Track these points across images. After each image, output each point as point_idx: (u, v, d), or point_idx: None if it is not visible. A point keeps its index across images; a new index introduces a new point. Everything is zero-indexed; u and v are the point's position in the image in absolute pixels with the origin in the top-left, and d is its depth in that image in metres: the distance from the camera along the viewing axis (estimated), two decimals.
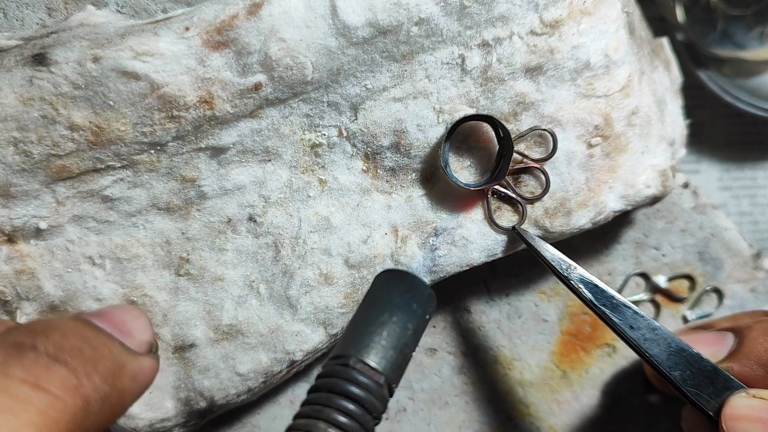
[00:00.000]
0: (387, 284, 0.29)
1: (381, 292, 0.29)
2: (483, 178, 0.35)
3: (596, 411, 0.42)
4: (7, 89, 0.30)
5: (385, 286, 0.29)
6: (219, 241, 0.34)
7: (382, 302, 0.28)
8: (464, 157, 0.35)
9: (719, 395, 0.31)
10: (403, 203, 0.35)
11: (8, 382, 0.21)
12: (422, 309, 0.29)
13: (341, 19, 0.31)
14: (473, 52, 0.33)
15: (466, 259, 0.35)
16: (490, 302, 0.42)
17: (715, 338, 0.34)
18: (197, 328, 0.34)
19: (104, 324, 0.26)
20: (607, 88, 0.34)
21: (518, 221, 0.35)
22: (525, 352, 0.41)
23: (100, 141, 0.31)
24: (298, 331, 0.35)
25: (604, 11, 0.34)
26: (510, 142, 0.34)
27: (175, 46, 0.30)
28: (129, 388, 0.25)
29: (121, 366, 0.25)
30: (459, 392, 0.41)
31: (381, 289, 0.29)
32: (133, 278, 0.34)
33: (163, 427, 0.35)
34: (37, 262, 0.32)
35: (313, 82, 0.32)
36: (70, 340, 0.23)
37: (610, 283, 0.42)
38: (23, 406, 0.21)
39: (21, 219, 0.32)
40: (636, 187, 0.36)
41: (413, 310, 0.28)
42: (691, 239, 0.42)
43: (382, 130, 0.34)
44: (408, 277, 0.29)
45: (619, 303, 0.32)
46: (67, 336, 0.24)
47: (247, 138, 0.33)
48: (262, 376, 0.35)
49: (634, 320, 0.32)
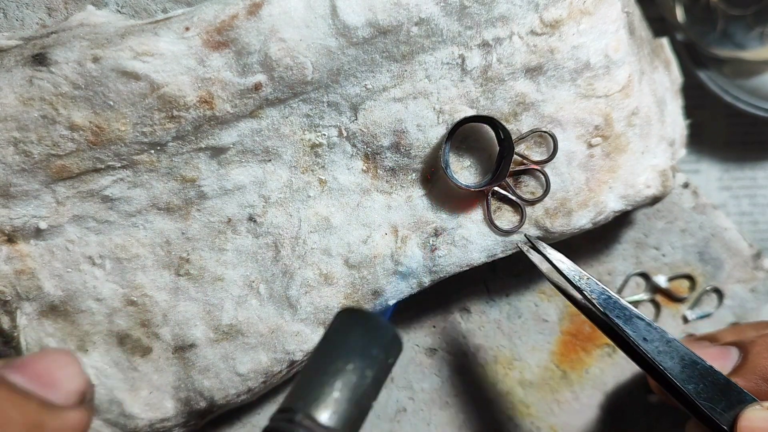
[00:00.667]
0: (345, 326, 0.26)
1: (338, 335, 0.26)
2: (483, 179, 0.35)
3: (596, 411, 0.42)
4: (7, 89, 0.30)
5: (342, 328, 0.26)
6: (219, 241, 0.34)
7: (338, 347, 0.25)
8: (465, 158, 0.35)
9: (732, 409, 0.30)
10: (403, 203, 0.35)
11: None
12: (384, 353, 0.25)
13: (341, 19, 0.31)
14: (473, 52, 0.33)
15: (466, 260, 0.35)
16: (490, 302, 0.42)
17: (719, 353, 0.34)
18: (197, 328, 0.34)
19: (22, 377, 0.23)
20: (608, 89, 0.34)
21: (518, 222, 0.35)
22: (525, 352, 0.41)
23: (100, 141, 0.31)
24: (298, 331, 0.35)
25: (604, 11, 0.34)
26: (510, 144, 0.34)
27: (175, 46, 0.30)
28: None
29: (37, 426, 0.22)
30: (459, 392, 0.41)
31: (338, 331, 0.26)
32: (133, 278, 0.34)
33: (163, 427, 0.35)
34: (37, 262, 0.32)
35: (313, 82, 0.32)
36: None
37: (610, 283, 0.42)
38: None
39: (21, 219, 0.32)
40: (636, 187, 0.36)
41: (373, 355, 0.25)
42: (691, 239, 0.42)
43: (382, 130, 0.34)
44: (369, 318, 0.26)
45: (632, 314, 0.32)
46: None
47: (247, 138, 0.33)
48: (262, 376, 0.35)
49: (648, 332, 0.31)
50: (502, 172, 0.34)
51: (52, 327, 0.33)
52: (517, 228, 0.35)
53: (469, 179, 0.35)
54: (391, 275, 0.35)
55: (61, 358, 0.25)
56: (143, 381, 0.34)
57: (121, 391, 0.34)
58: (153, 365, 0.34)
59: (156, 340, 0.34)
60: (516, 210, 0.35)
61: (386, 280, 0.35)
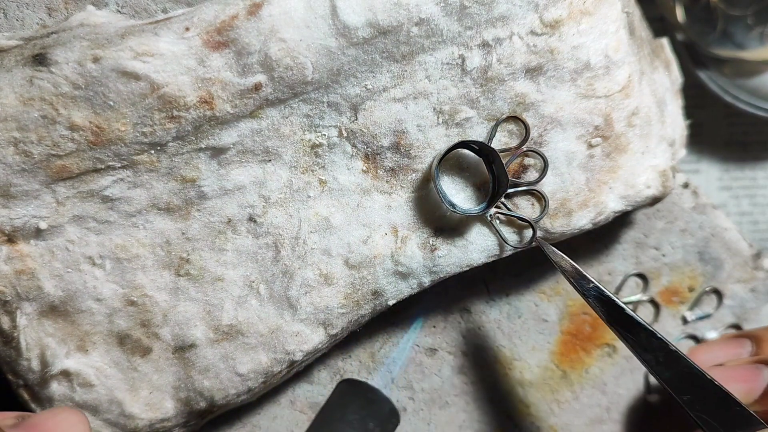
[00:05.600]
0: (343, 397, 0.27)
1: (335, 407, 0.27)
2: (481, 196, 0.35)
3: (596, 411, 0.42)
4: (7, 89, 0.30)
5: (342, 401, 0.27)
6: (219, 241, 0.34)
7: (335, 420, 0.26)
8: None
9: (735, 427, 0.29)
10: (403, 203, 0.35)
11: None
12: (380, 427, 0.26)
13: (341, 19, 0.31)
14: (473, 52, 0.33)
15: (466, 260, 0.35)
16: (490, 302, 0.42)
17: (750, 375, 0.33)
18: (197, 328, 0.34)
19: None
20: (608, 89, 0.34)
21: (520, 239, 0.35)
22: (525, 352, 0.42)
23: (100, 141, 0.31)
24: (298, 332, 0.35)
25: (604, 11, 0.34)
26: (503, 170, 0.34)
27: (175, 46, 0.30)
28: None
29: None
30: (459, 392, 0.41)
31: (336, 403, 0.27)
32: (133, 278, 0.34)
33: (163, 427, 0.35)
34: (37, 262, 0.32)
35: (314, 82, 0.32)
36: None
37: (610, 283, 0.42)
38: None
39: (21, 219, 0.32)
40: (636, 188, 0.36)
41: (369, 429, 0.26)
42: (691, 239, 0.42)
43: (382, 130, 0.34)
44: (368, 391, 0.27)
45: (635, 322, 0.31)
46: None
47: (247, 138, 0.33)
48: (262, 376, 0.35)
49: (648, 342, 0.31)
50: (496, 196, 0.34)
51: (52, 327, 0.33)
52: (528, 243, 0.35)
53: (468, 193, 0.35)
54: (391, 275, 0.35)
55: (71, 417, 0.26)
56: (143, 381, 0.34)
57: (121, 391, 0.34)
58: (153, 365, 0.34)
59: (156, 340, 0.34)
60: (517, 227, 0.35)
61: (386, 280, 0.35)
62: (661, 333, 0.31)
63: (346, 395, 0.27)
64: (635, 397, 0.42)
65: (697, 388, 0.30)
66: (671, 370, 0.30)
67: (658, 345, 0.31)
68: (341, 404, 0.27)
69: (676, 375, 0.30)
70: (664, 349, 0.31)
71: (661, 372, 0.31)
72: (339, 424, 0.25)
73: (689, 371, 0.30)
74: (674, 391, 0.30)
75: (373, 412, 0.26)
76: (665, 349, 0.31)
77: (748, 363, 0.34)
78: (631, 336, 0.31)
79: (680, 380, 0.30)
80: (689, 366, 0.30)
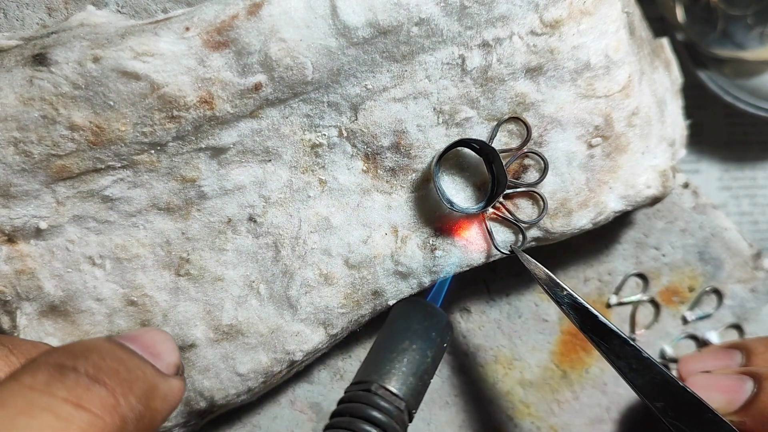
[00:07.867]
0: (406, 312, 0.30)
1: (400, 319, 0.30)
2: (480, 196, 0.35)
3: (596, 411, 0.42)
4: (7, 89, 0.30)
5: (404, 314, 0.30)
6: (219, 241, 0.34)
7: (402, 330, 0.29)
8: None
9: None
10: (403, 203, 0.35)
11: (52, 401, 0.22)
12: (440, 337, 0.29)
13: (341, 19, 0.31)
14: (473, 52, 0.33)
15: (466, 260, 0.35)
16: (490, 302, 0.42)
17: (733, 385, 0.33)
18: (197, 328, 0.34)
19: (135, 346, 0.27)
20: (608, 89, 0.34)
21: (515, 241, 0.35)
22: (525, 352, 0.42)
23: (100, 141, 0.31)
24: (298, 332, 0.35)
25: (604, 11, 0.34)
26: (502, 170, 0.34)
27: (175, 46, 0.30)
28: (161, 408, 0.26)
29: (154, 387, 0.25)
30: (459, 392, 0.41)
31: (400, 317, 0.30)
32: (133, 278, 0.34)
33: (163, 427, 0.35)
34: (37, 262, 0.32)
35: (314, 82, 0.32)
36: (107, 362, 0.24)
37: (610, 283, 0.42)
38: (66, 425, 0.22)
39: (21, 219, 0.32)
40: (636, 188, 0.36)
41: (432, 338, 0.29)
42: (691, 239, 0.42)
43: (382, 130, 0.34)
44: (426, 306, 0.30)
45: (608, 330, 0.32)
46: (104, 357, 0.24)
47: (248, 138, 0.33)
48: (262, 376, 0.35)
49: (621, 349, 0.31)
50: (494, 196, 0.34)
51: (52, 327, 0.33)
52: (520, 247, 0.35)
53: (467, 192, 0.35)
54: (391, 275, 0.35)
55: (161, 334, 0.29)
56: None
57: None
58: None
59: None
60: (514, 229, 0.35)
61: (386, 280, 0.35)
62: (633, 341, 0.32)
63: (408, 310, 0.30)
64: (635, 397, 0.42)
65: (669, 395, 0.31)
66: (644, 378, 0.31)
67: (631, 352, 0.31)
68: (405, 317, 0.30)
69: (648, 382, 0.31)
70: (637, 357, 0.31)
71: (634, 379, 0.31)
72: (408, 333, 0.29)
73: (662, 378, 0.31)
74: (647, 397, 0.31)
75: (434, 323, 0.30)
76: (638, 356, 0.31)
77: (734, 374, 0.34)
78: (605, 343, 0.32)
79: (653, 387, 0.31)
80: (661, 373, 0.31)
